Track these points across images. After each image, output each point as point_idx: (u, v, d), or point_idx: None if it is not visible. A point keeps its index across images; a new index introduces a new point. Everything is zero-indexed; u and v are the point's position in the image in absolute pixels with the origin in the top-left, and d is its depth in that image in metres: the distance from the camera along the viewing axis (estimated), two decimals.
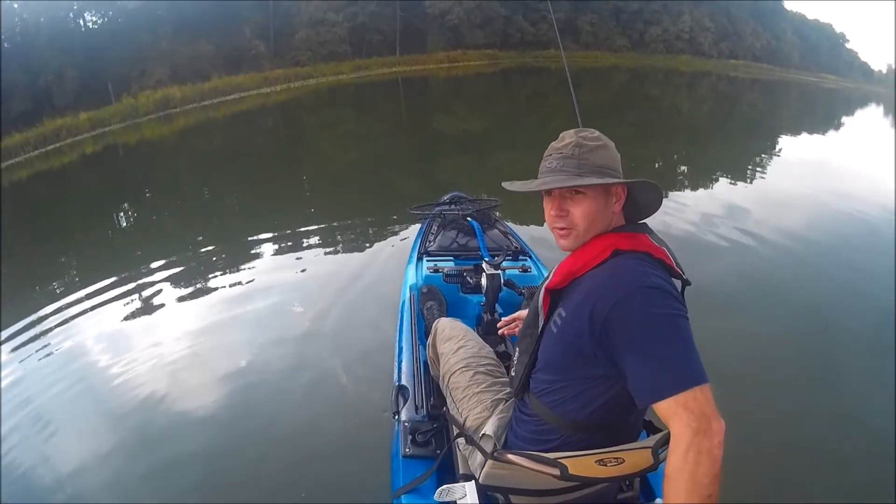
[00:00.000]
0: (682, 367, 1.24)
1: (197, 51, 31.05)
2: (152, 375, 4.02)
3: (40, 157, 17.62)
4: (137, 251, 7.29)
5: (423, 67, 38.64)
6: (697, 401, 1.20)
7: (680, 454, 1.18)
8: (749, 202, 8.17)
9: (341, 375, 3.92)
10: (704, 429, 1.18)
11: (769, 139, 15.86)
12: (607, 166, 1.50)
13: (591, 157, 1.49)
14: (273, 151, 15.48)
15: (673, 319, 1.29)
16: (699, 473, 1.16)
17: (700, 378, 1.22)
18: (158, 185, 11.86)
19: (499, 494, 1.62)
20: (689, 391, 1.21)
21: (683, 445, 1.18)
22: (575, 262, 1.49)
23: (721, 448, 1.18)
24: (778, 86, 39.39)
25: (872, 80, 63.04)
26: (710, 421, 1.19)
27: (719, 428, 1.19)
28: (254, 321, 4.74)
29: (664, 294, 1.32)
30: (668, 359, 1.26)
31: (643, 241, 1.46)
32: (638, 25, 47.30)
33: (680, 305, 1.33)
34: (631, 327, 1.30)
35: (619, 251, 1.43)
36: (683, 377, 1.23)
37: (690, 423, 1.18)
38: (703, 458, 1.16)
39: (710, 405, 1.20)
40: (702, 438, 1.17)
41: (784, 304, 4.96)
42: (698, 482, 1.16)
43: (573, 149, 1.50)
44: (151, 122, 22.79)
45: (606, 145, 1.53)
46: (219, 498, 2.81)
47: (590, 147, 1.50)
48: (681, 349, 1.26)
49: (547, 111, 19.32)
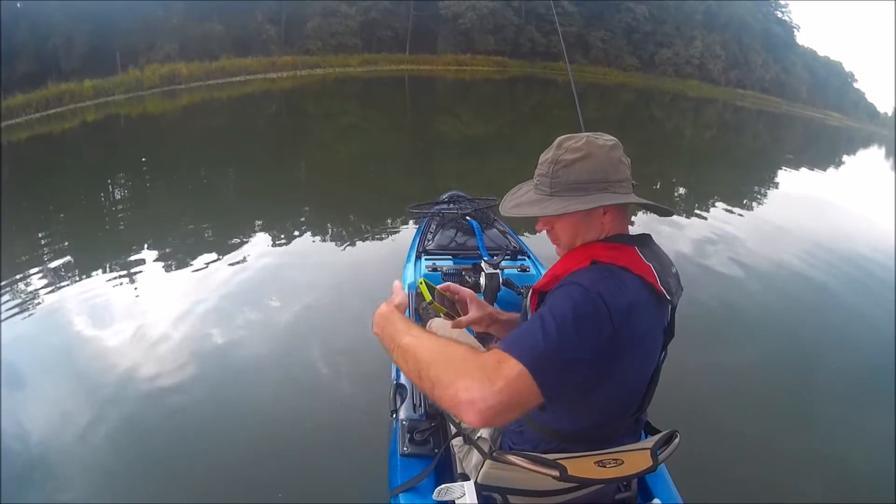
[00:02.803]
0: (522, 338, 1.23)
1: (207, 30, 30.97)
2: (141, 366, 3.96)
3: (41, 121, 17.46)
4: (129, 224, 7.28)
5: (431, 68, 38.79)
6: (505, 364, 1.16)
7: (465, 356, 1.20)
8: (743, 231, 8.18)
9: (338, 373, 3.91)
10: (487, 376, 1.14)
11: (769, 171, 15.95)
12: (586, 181, 1.42)
13: (565, 174, 1.43)
14: (274, 137, 15.46)
15: (565, 314, 1.23)
16: (426, 366, 1.22)
17: (520, 354, 1.17)
18: (156, 160, 11.75)
19: (497, 495, 1.60)
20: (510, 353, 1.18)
21: (474, 362, 1.18)
22: (559, 267, 1.46)
23: (456, 400, 1.14)
24: (783, 119, 39.73)
25: (877, 122, 63.38)
26: (492, 381, 1.13)
27: (485, 394, 1.12)
28: (244, 316, 4.70)
29: (593, 303, 1.24)
30: (525, 328, 1.26)
31: (626, 254, 1.40)
32: (649, 46, 47.54)
33: (596, 322, 1.24)
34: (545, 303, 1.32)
35: (597, 262, 1.39)
36: (514, 341, 1.23)
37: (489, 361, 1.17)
38: (454, 378, 1.16)
39: (506, 376, 1.14)
40: (478, 379, 1.14)
41: (768, 336, 4.98)
42: (416, 360, 1.25)
43: (549, 165, 1.45)
44: (155, 96, 22.67)
45: (589, 155, 1.42)
46: (216, 496, 2.77)
47: (565, 162, 1.43)
48: (534, 331, 1.23)
49: (551, 123, 19.36)
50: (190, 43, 29.23)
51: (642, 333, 1.35)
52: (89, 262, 5.76)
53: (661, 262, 1.45)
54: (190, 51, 28.38)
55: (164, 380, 3.82)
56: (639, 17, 45.77)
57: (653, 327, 1.41)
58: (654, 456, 1.42)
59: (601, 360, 1.25)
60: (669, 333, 1.52)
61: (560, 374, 1.20)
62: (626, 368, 1.36)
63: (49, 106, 18.74)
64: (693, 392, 3.71)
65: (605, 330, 1.23)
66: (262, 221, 7.15)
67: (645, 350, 1.41)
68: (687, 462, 1.76)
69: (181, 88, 24.44)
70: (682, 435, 1.48)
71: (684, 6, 46.82)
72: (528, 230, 5.33)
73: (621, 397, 1.45)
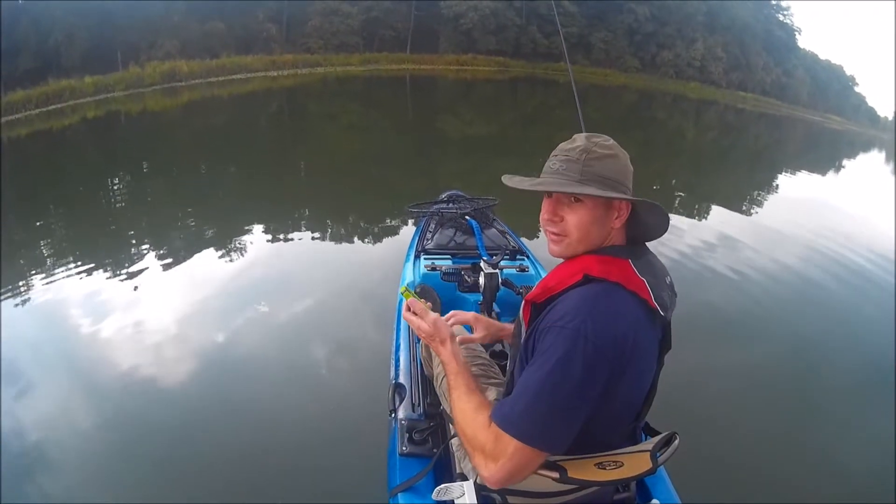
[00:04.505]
0: (514, 408, 1.31)
1: (208, 28, 31.07)
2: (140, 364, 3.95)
3: (41, 117, 17.48)
4: (129, 221, 7.26)
5: (433, 67, 38.80)
6: (500, 442, 1.31)
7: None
8: (744, 233, 8.15)
9: (337, 372, 3.91)
10: (490, 456, 1.33)
11: (769, 173, 15.92)
12: (613, 178, 1.41)
13: (596, 165, 1.41)
14: (275, 136, 15.45)
15: (555, 371, 1.26)
16: (456, 424, 1.48)
17: (513, 430, 1.29)
18: (156, 157, 11.78)
19: (496, 495, 1.60)
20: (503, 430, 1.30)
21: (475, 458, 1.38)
22: (551, 279, 1.44)
23: (477, 468, 1.38)
24: (784, 122, 39.66)
25: (878, 126, 63.38)
26: (494, 459, 1.32)
27: (491, 472, 1.32)
28: (243, 315, 4.68)
29: (585, 346, 1.25)
30: (518, 395, 1.32)
31: (619, 268, 1.38)
32: (651, 48, 47.51)
33: (590, 371, 1.26)
34: (537, 351, 1.33)
35: (589, 276, 1.36)
36: (506, 415, 1.32)
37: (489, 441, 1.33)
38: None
39: (504, 452, 1.30)
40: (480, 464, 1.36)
41: (768, 337, 4.97)
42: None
43: (580, 153, 1.41)
44: (156, 93, 22.71)
45: (617, 156, 1.44)
46: (214, 496, 2.76)
47: (598, 154, 1.41)
48: (526, 401, 1.29)
49: (553, 123, 19.34)
50: (191, 40, 29.30)
51: (637, 355, 1.34)
52: (89, 260, 5.75)
53: (655, 273, 1.43)
54: (191, 48, 28.44)
55: (163, 379, 3.81)
56: (640, 19, 45.71)
57: (647, 346, 1.40)
58: (654, 458, 1.41)
59: (600, 397, 1.30)
60: (665, 346, 1.51)
61: (558, 429, 1.29)
62: (623, 390, 1.36)
63: (49, 102, 18.79)
64: (692, 392, 3.70)
65: (600, 373, 1.27)
66: (261, 220, 7.13)
67: (640, 369, 1.40)
68: (686, 462, 1.75)
69: (182, 86, 24.47)
70: (681, 435, 1.47)
71: (686, 7, 46.75)
72: (528, 231, 5.33)
73: (619, 413, 1.44)
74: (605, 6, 44.81)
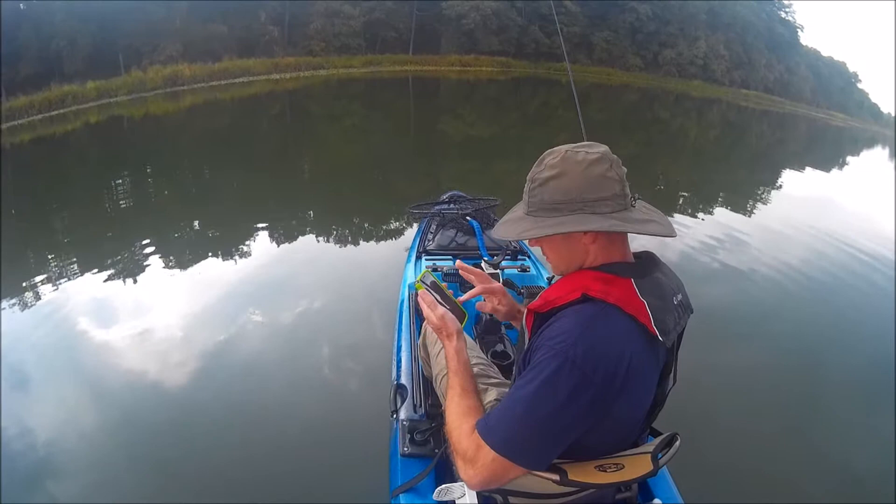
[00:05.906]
0: (499, 422, 1.32)
1: (210, 31, 31.04)
2: (142, 365, 3.96)
3: (43, 122, 17.53)
4: (133, 225, 7.25)
5: (435, 68, 38.74)
6: (481, 451, 1.32)
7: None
8: (748, 231, 8.15)
9: (339, 373, 3.91)
10: (469, 460, 1.35)
11: (773, 171, 15.93)
12: (559, 201, 1.33)
13: (539, 192, 1.36)
14: (277, 138, 15.47)
15: (539, 392, 1.25)
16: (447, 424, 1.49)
17: (493, 442, 1.31)
18: (159, 161, 11.82)
19: (497, 496, 1.59)
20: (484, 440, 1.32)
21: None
22: (553, 292, 1.41)
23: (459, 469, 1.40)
24: (787, 119, 39.60)
25: (881, 122, 63.01)
26: (473, 465, 1.34)
27: (468, 475, 1.36)
28: (246, 316, 4.70)
29: (571, 370, 1.23)
30: (503, 408, 1.32)
31: (619, 289, 1.31)
32: (653, 46, 47.41)
33: (577, 392, 1.24)
34: (530, 364, 1.32)
35: (587, 296, 1.32)
36: (491, 428, 1.33)
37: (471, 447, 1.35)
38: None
39: (483, 461, 1.32)
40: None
41: (770, 337, 4.94)
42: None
43: (528, 182, 1.40)
44: (158, 97, 22.74)
45: (561, 174, 1.33)
46: (215, 497, 2.76)
47: (540, 180, 1.36)
48: (512, 415, 1.30)
49: (555, 124, 19.34)
50: (193, 44, 29.28)
51: (633, 377, 1.28)
52: (93, 263, 5.75)
53: (661, 294, 1.35)
54: (193, 52, 28.43)
55: (164, 379, 3.82)
56: (642, 17, 45.64)
57: (646, 368, 1.34)
58: (655, 460, 1.40)
59: (586, 420, 1.28)
60: (668, 369, 1.48)
61: (538, 447, 1.30)
62: (620, 410, 1.32)
63: (52, 107, 18.83)
64: (693, 392, 3.67)
65: (584, 397, 1.24)
66: (264, 222, 7.13)
67: (638, 391, 1.36)
68: (687, 462, 1.74)
69: (184, 89, 24.51)
70: (683, 434, 1.45)
71: (688, 6, 46.67)
72: None
73: (617, 429, 1.41)
74: (607, 5, 44.73)
